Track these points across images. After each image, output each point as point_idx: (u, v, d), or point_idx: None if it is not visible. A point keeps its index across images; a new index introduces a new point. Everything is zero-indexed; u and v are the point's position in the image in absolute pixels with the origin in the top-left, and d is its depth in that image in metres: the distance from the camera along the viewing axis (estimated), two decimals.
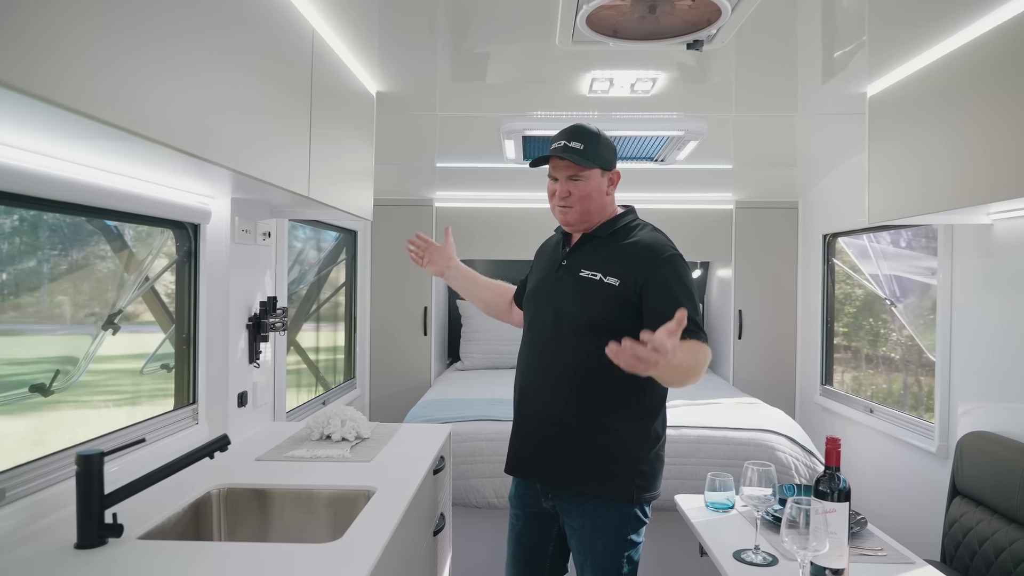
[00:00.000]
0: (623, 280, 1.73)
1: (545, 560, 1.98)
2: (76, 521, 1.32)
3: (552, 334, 1.80)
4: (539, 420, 1.83)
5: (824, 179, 3.72)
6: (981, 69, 1.85)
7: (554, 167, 1.82)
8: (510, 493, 2.01)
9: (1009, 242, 2.30)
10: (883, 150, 2.32)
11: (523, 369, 1.89)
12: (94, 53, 0.96)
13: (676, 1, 1.71)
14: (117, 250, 1.86)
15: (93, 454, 1.33)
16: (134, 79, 1.05)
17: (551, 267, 1.90)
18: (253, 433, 2.25)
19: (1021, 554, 1.99)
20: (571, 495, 1.82)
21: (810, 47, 2.09)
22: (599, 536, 1.80)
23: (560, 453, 1.79)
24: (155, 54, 1.11)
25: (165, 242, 2.00)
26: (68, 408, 1.72)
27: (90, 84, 0.94)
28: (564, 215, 1.84)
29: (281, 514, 1.73)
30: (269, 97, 1.58)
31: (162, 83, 1.13)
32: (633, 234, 1.83)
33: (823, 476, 1.65)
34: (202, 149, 1.28)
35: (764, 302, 4.07)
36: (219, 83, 1.34)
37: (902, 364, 3.56)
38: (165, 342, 2.02)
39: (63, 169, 1.42)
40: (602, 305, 1.75)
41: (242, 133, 1.47)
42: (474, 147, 3.35)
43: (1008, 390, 2.30)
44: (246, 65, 1.48)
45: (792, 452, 2.74)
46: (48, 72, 0.84)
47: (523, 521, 1.96)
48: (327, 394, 3.32)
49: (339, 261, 3.73)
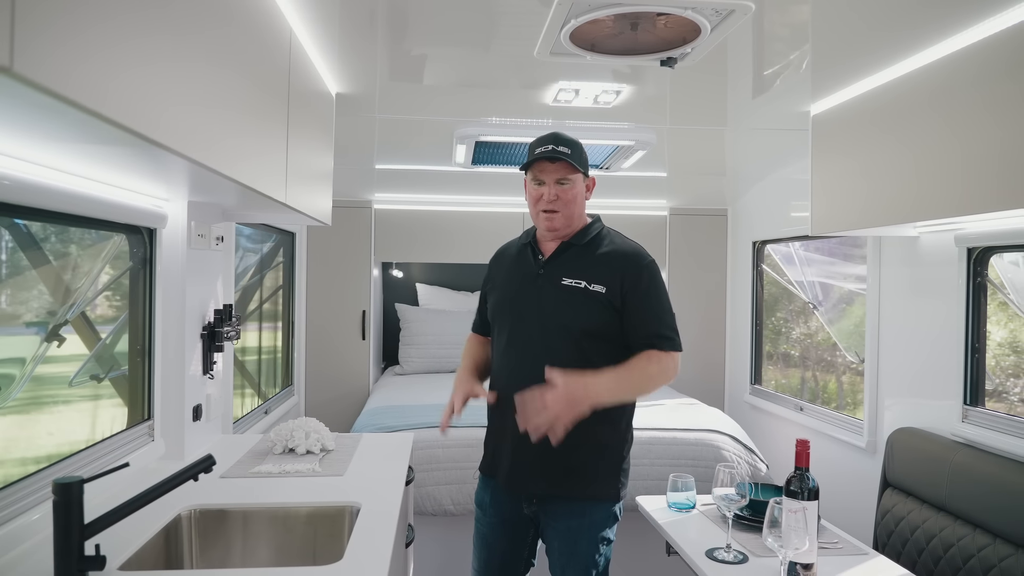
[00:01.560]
0: (609, 287, 1.77)
1: (520, 565, 1.99)
2: (53, 554, 1.21)
3: (542, 344, 1.79)
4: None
5: (752, 189, 3.92)
6: (920, 95, 2.01)
7: (541, 171, 1.81)
8: (480, 500, 1.99)
9: (933, 253, 2.50)
10: (826, 166, 2.48)
11: (508, 379, 1.85)
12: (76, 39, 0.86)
13: (657, 19, 1.77)
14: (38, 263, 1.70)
15: (72, 481, 1.23)
16: (107, 66, 0.92)
17: (525, 276, 1.89)
18: (208, 448, 2.14)
19: (950, 540, 2.17)
20: (559, 499, 1.84)
21: (741, 65, 2.19)
22: (584, 536, 1.83)
23: (553, 460, 1.79)
24: (131, 44, 1.00)
25: (112, 249, 1.86)
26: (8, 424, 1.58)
27: (65, 67, 0.82)
28: (551, 220, 1.83)
29: (257, 534, 1.66)
30: (251, 98, 1.51)
31: (136, 72, 0.98)
32: (608, 241, 1.88)
33: (793, 476, 1.74)
34: (190, 149, 1.19)
35: (695, 306, 4.24)
36: (199, 80, 1.25)
37: (800, 360, 3.84)
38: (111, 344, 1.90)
39: (5, 165, 1.26)
40: (592, 312, 1.78)
41: (227, 135, 1.39)
42: (421, 150, 3.31)
43: (931, 389, 2.51)
44: (225, 62, 1.40)
45: (736, 451, 2.87)
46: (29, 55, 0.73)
47: (498, 528, 1.95)
48: (268, 403, 3.19)
49: (275, 264, 3.60)
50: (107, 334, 1.94)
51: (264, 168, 1.54)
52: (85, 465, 1.62)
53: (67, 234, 1.78)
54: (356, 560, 1.33)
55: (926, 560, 2.25)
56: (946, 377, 2.42)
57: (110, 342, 1.95)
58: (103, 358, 1.95)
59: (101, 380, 1.94)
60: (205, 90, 1.21)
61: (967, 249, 2.34)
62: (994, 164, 1.73)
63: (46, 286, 1.71)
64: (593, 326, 1.77)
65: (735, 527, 1.96)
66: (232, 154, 1.31)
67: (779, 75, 2.26)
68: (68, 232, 1.76)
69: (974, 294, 2.34)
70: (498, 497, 1.93)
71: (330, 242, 3.97)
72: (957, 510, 2.19)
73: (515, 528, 1.93)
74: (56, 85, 0.70)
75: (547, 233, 1.87)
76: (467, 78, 2.32)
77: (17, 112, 0.89)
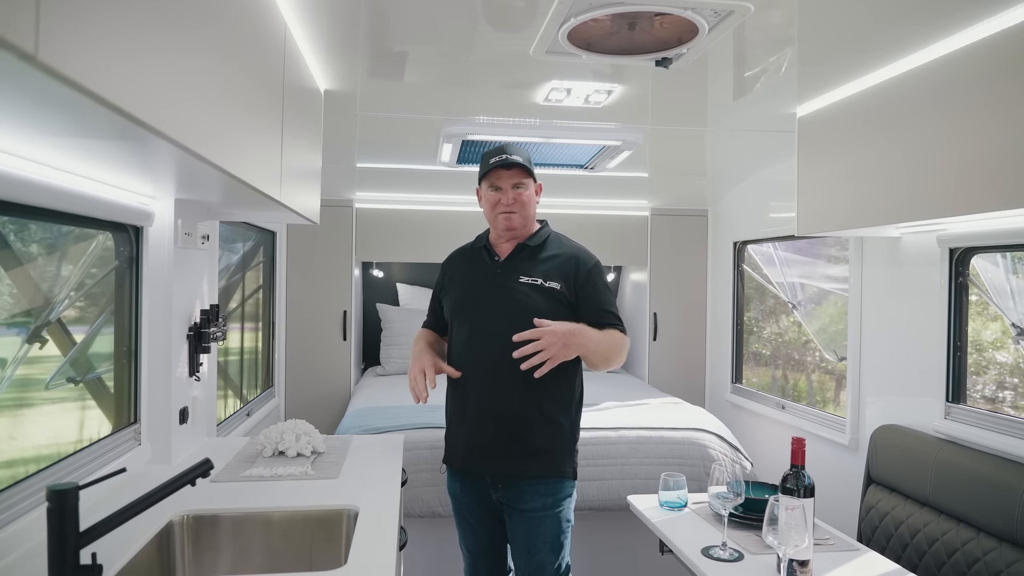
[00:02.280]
0: (563, 283, 2.03)
1: (504, 546, 2.14)
2: (47, 564, 1.17)
3: (505, 335, 1.92)
4: (496, 418, 1.99)
5: (733, 190, 3.96)
6: (910, 97, 2.04)
7: (498, 177, 2.04)
8: (452, 490, 2.16)
9: (915, 253, 2.55)
10: (812, 167, 2.51)
11: (471, 372, 2.03)
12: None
13: (655, 19, 1.77)
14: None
15: (68, 488, 1.19)
16: (117, 57, 0.87)
17: (483, 276, 2.10)
18: (195, 451, 2.10)
19: (935, 534, 2.22)
20: (525, 481, 2.00)
21: (723, 66, 2.21)
22: (548, 516, 2.01)
23: (519, 445, 1.99)
24: (135, 35, 0.94)
25: (97, 249, 1.81)
26: None
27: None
28: (509, 221, 2.05)
29: (252, 540, 1.62)
30: (249, 93, 1.48)
31: (141, 64, 0.91)
32: (557, 244, 2.13)
33: (790, 473, 1.76)
34: (192, 143, 1.14)
35: (677, 305, 4.27)
36: (199, 73, 1.21)
37: (770, 359, 3.91)
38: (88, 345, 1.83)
39: None
40: (548, 306, 2.00)
41: (227, 130, 1.35)
42: (405, 148, 3.27)
43: (912, 387, 2.55)
44: (224, 57, 1.36)
45: (721, 449, 2.90)
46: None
47: (476, 511, 2.11)
48: (249, 404, 3.13)
49: (254, 264, 3.53)
50: (85, 336, 1.88)
51: (261, 164, 1.51)
52: (75, 470, 1.57)
53: (47, 233, 1.72)
54: (360, 564, 1.31)
55: (911, 554, 2.29)
56: (928, 375, 2.46)
57: (86, 345, 1.88)
58: (78, 361, 1.89)
59: (78, 383, 1.88)
60: (205, 83, 1.17)
61: (949, 250, 2.39)
62: (985, 165, 1.76)
63: (26, 286, 1.65)
64: (551, 318, 1.95)
65: (727, 525, 1.97)
66: (231, 149, 1.28)
67: (759, 78, 2.28)
68: (48, 231, 1.70)
69: (956, 294, 2.39)
70: (465, 484, 2.10)
71: (311, 242, 3.91)
72: (941, 505, 2.23)
73: (490, 510, 2.09)
74: (79, 76, 0.67)
75: (505, 233, 2.08)
76: (456, 76, 2.30)
77: (20, 102, 0.86)
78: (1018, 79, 1.66)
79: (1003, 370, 2.49)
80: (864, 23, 1.82)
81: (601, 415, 3.03)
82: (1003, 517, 2.00)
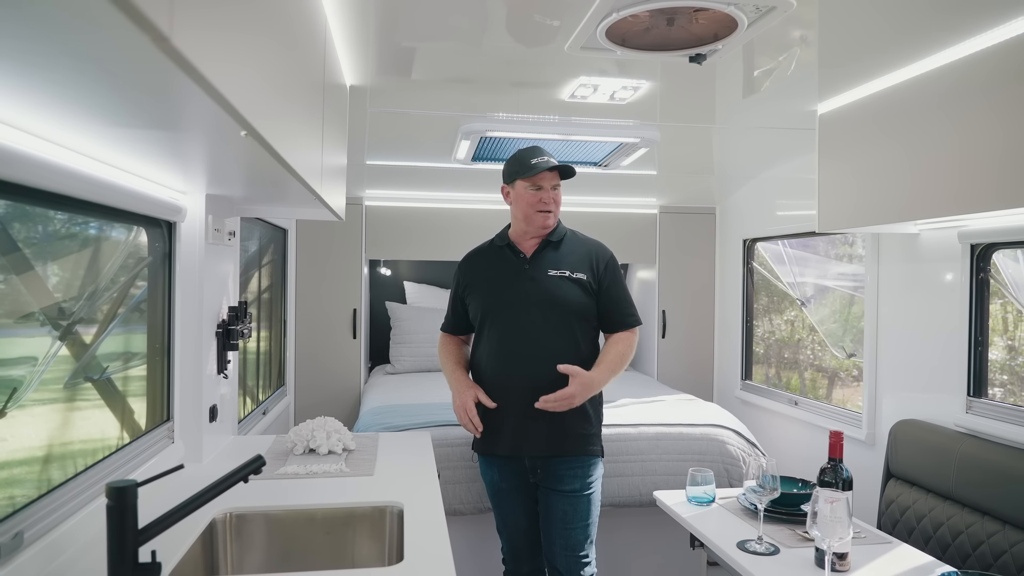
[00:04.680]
0: (588, 274, 2.20)
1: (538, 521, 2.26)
2: (108, 562, 1.15)
3: (544, 326, 2.11)
4: (539, 408, 2.08)
5: (743, 187, 3.98)
6: (931, 97, 2.06)
7: (543, 178, 2.18)
8: (487, 475, 2.28)
9: (935, 249, 2.58)
10: (833, 164, 2.52)
11: (509, 361, 2.15)
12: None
13: (694, 14, 1.77)
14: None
15: (127, 485, 1.17)
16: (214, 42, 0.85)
17: (512, 273, 2.22)
18: (223, 449, 2.08)
19: (959, 527, 2.24)
20: (563, 462, 2.14)
21: (732, 64, 2.21)
22: (583, 496, 2.16)
23: (558, 430, 2.12)
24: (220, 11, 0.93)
25: (126, 247, 1.78)
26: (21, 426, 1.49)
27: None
28: (546, 219, 2.20)
29: (293, 536, 1.61)
30: (300, 83, 1.46)
31: (225, 46, 0.93)
32: (575, 239, 2.30)
33: (827, 467, 1.77)
34: (271, 137, 1.11)
35: (685, 303, 4.28)
36: (265, 57, 1.20)
37: (763, 358, 3.94)
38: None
39: (28, 144, 1.15)
40: (578, 295, 2.17)
41: (280, 120, 1.34)
42: (420, 145, 3.26)
43: (932, 382, 2.58)
44: (284, 45, 1.35)
45: (739, 445, 2.91)
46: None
47: (518, 497, 2.23)
48: (265, 403, 3.11)
49: (266, 263, 3.50)
50: (102, 335, 1.84)
51: (308, 158, 1.49)
52: (116, 469, 1.55)
53: (80, 228, 1.69)
54: (418, 561, 1.30)
55: (934, 547, 2.31)
56: (948, 370, 2.48)
57: (97, 344, 1.85)
58: (93, 361, 1.86)
59: (96, 382, 1.85)
60: (268, 73, 1.16)
61: (970, 245, 2.41)
62: (999, 164, 1.78)
63: (60, 282, 1.63)
64: (580, 306, 2.16)
65: (753, 518, 1.98)
66: (289, 141, 1.26)
67: (769, 76, 2.29)
68: (76, 227, 1.68)
69: (977, 289, 2.41)
70: (504, 470, 2.21)
71: (321, 239, 3.89)
72: (964, 498, 2.25)
73: (528, 492, 2.23)
74: (201, 65, 0.65)
75: (540, 231, 2.22)
76: (479, 73, 2.29)
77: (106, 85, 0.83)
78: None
79: (995, 368, 2.52)
80: (887, 22, 1.83)
81: (620, 411, 3.04)
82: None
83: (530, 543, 2.27)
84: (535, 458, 2.15)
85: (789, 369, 3.79)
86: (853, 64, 2.14)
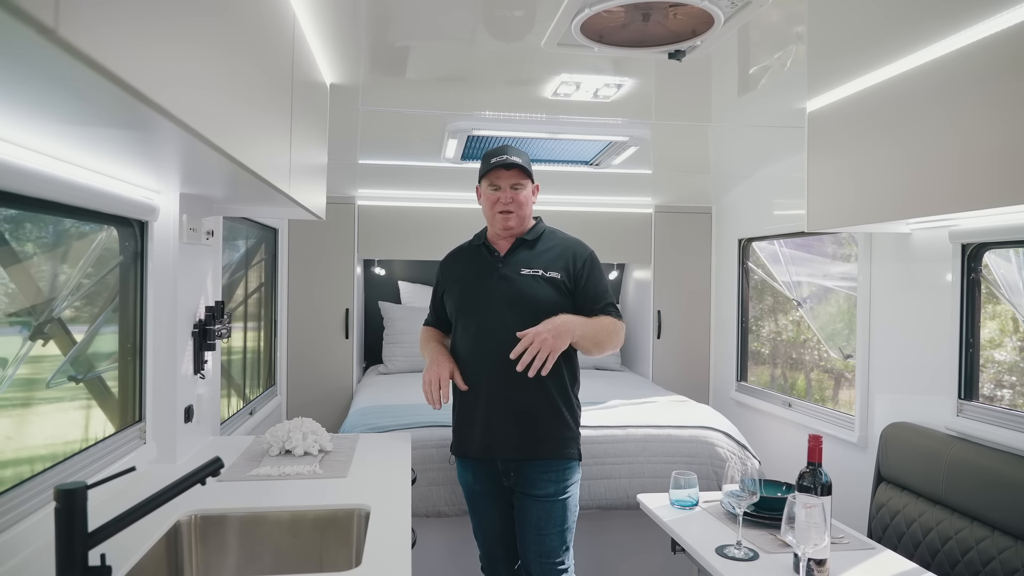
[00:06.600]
0: (563, 273, 2.12)
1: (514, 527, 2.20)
2: (56, 565, 1.14)
3: (515, 325, 2.00)
4: (510, 408, 2.07)
5: (738, 187, 3.94)
6: (922, 93, 2.01)
7: (498, 177, 2.12)
8: (463, 479, 2.24)
9: (926, 249, 2.53)
10: (822, 162, 2.48)
11: (481, 366, 2.10)
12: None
13: (669, 10, 1.74)
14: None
15: (76, 488, 1.16)
16: (135, 41, 0.81)
17: (485, 272, 2.16)
18: (199, 450, 2.06)
19: (948, 533, 2.19)
20: (536, 466, 2.08)
21: (727, 62, 2.18)
22: (558, 501, 2.09)
23: (531, 431, 2.08)
24: (152, 20, 0.89)
25: (98, 245, 1.77)
26: None
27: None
28: (506, 220, 2.14)
29: (261, 540, 1.59)
30: (260, 83, 1.45)
31: (158, 49, 0.87)
32: (553, 237, 2.23)
33: (806, 471, 1.74)
34: (201, 126, 1.09)
35: (681, 303, 4.24)
36: (213, 61, 1.18)
37: (769, 358, 3.90)
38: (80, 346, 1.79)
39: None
40: (551, 294, 2.10)
41: (234, 117, 1.32)
42: (409, 145, 3.24)
43: (923, 384, 2.53)
44: (237, 47, 1.33)
45: (729, 447, 2.87)
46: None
47: (493, 501, 2.18)
48: (252, 403, 3.10)
49: (256, 262, 3.49)
50: (87, 334, 1.84)
51: (270, 155, 1.47)
52: (80, 470, 1.53)
53: (48, 229, 1.68)
54: (375, 565, 1.28)
55: (923, 553, 2.27)
56: (939, 372, 2.44)
57: (86, 343, 1.85)
58: (79, 359, 1.85)
59: (79, 382, 1.84)
60: (214, 70, 1.14)
61: (961, 245, 2.37)
62: (996, 160, 1.74)
63: (27, 283, 1.62)
64: (553, 305, 2.06)
65: (735, 523, 1.94)
66: (241, 138, 1.24)
67: (764, 73, 2.25)
68: (49, 227, 1.67)
69: (968, 290, 2.37)
70: (478, 472, 2.17)
71: (313, 239, 3.88)
72: (954, 503, 2.21)
73: (503, 496, 2.18)
74: (96, 54, 0.64)
75: (503, 232, 2.16)
76: (463, 71, 2.27)
77: (31, 85, 0.82)
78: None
79: (1001, 368, 2.48)
80: (875, 17, 1.79)
81: (608, 413, 3.01)
82: (1018, 515, 1.98)
83: (506, 548, 2.23)
84: (508, 461, 2.11)
85: (795, 370, 3.75)
86: (844, 58, 2.10)
